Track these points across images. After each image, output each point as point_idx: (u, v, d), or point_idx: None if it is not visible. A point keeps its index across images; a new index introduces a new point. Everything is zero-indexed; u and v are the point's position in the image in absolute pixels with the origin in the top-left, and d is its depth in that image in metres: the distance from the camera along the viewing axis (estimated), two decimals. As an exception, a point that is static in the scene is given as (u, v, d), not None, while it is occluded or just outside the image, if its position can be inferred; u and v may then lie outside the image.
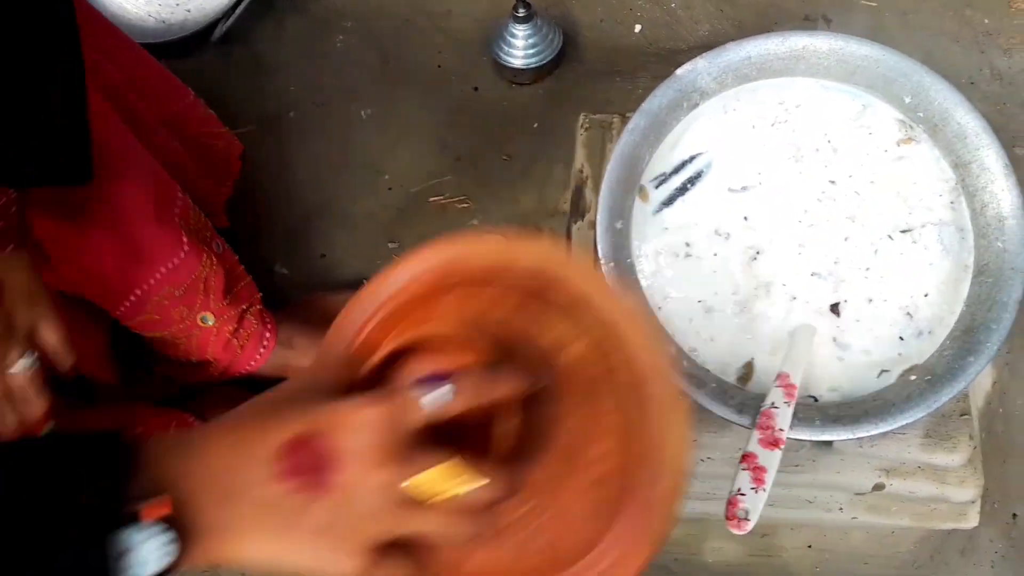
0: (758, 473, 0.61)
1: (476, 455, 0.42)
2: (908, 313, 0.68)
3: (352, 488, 0.39)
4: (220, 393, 0.87)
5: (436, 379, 0.41)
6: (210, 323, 0.80)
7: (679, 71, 0.71)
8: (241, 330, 0.83)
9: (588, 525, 0.46)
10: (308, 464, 0.39)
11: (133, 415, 0.75)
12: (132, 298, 0.73)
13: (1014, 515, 0.90)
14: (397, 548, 0.41)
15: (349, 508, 0.39)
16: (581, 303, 0.49)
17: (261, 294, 0.86)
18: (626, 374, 0.47)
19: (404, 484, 0.39)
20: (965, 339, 0.65)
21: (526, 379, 0.44)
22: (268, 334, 0.85)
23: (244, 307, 0.83)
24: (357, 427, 0.39)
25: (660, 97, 0.71)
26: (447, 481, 0.40)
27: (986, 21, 1.08)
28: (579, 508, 0.46)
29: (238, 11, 1.03)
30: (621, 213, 0.70)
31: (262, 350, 0.85)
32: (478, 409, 0.42)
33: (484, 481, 0.41)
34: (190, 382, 0.87)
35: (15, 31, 0.51)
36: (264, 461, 0.39)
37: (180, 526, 0.37)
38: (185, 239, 0.74)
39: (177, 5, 1.08)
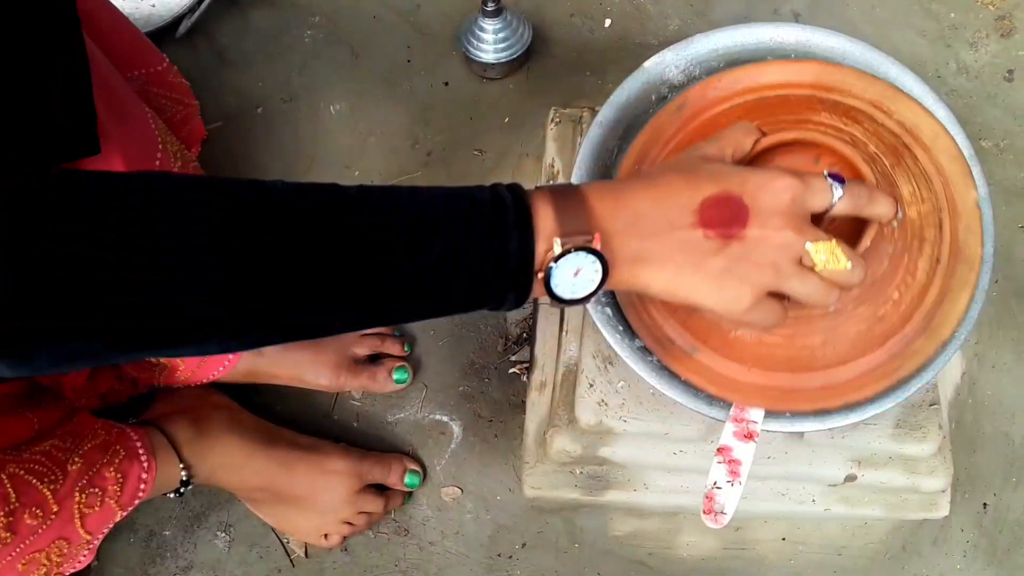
0: (733, 466, 0.61)
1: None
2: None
3: (760, 241, 0.48)
4: (171, 401, 0.84)
5: (834, 178, 0.50)
6: None
7: (647, 63, 0.71)
8: None
9: (848, 345, 0.59)
10: (726, 216, 0.47)
11: (76, 421, 0.73)
12: None
13: (985, 504, 0.91)
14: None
15: (754, 256, 0.48)
16: (931, 175, 0.60)
17: None
18: (947, 248, 0.60)
19: (806, 246, 0.49)
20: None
21: (898, 209, 0.54)
22: None
23: None
24: (775, 191, 0.48)
25: (628, 89, 0.70)
26: (834, 255, 0.49)
27: (952, 15, 1.09)
28: (851, 330, 0.59)
29: (203, 6, 1.02)
30: (590, 206, 0.70)
31: (228, 358, 0.84)
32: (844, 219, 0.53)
33: (860, 266, 0.51)
34: (156, 385, 0.85)
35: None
36: (687, 209, 0.47)
37: (608, 255, 0.47)
38: None
39: (141, 0, 1.06)
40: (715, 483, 0.60)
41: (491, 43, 0.99)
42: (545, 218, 0.46)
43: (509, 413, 0.93)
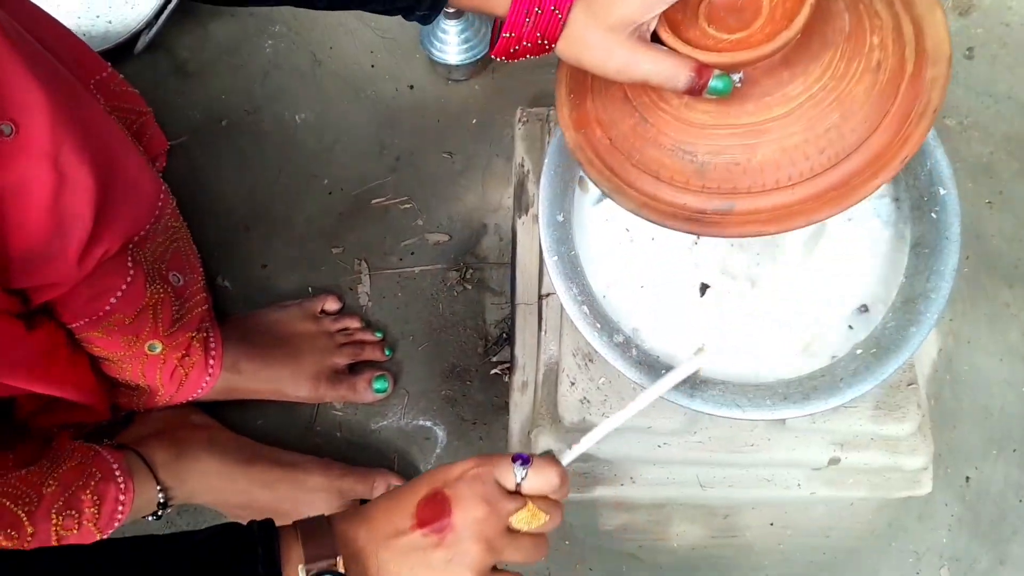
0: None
1: (770, 32, 0.51)
2: (852, 288, 0.69)
3: (466, 524, 0.53)
4: (147, 423, 0.83)
5: (521, 460, 0.57)
6: (157, 351, 0.78)
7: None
8: (187, 358, 0.81)
9: (868, 107, 0.54)
10: (435, 512, 0.53)
11: (52, 445, 0.72)
12: (83, 321, 0.70)
13: (967, 478, 0.92)
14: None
15: (466, 540, 0.53)
16: None
17: (208, 322, 0.83)
18: None
19: (509, 519, 0.55)
20: (906, 310, 0.66)
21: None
22: (212, 362, 0.83)
23: (192, 334, 0.80)
24: (469, 480, 0.55)
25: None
26: (532, 515, 0.56)
27: None
28: (860, 90, 0.54)
29: (160, 20, 1.00)
30: (562, 206, 0.70)
31: (207, 379, 0.83)
32: None
33: (557, 511, 0.58)
34: (137, 410, 0.84)
35: None
36: (407, 513, 0.54)
37: (356, 570, 0.52)
38: (131, 267, 0.71)
39: (97, 17, 1.05)
40: None
41: (454, 44, 0.99)
42: (291, 549, 0.51)
43: (492, 415, 0.92)
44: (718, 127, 0.55)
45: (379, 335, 0.93)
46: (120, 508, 0.71)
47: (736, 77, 0.53)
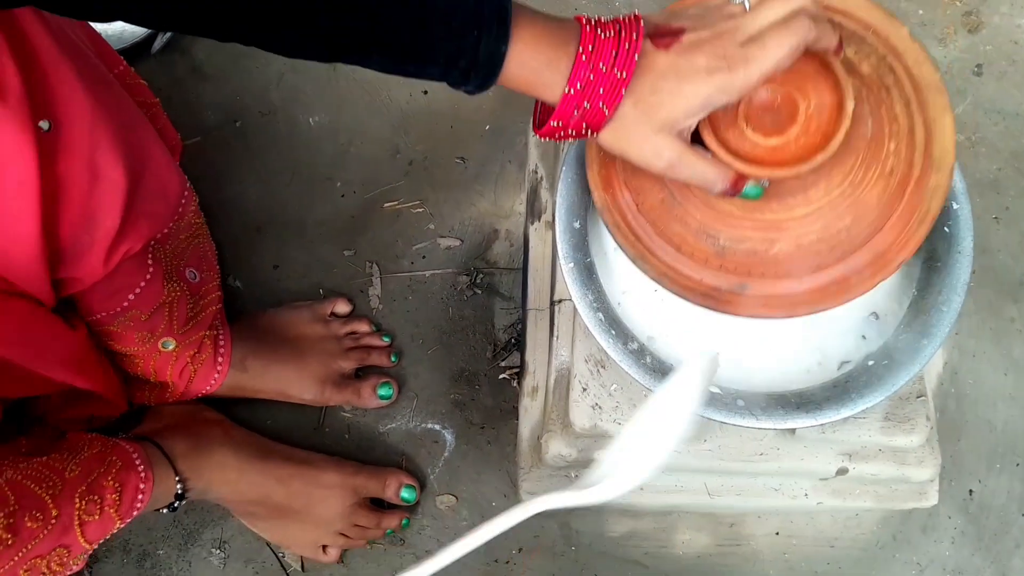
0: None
1: (804, 144, 0.54)
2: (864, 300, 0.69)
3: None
4: (162, 417, 0.84)
5: None
6: (171, 348, 0.78)
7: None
8: (198, 355, 0.81)
9: (877, 211, 0.58)
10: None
11: (68, 438, 0.72)
12: (100, 315, 0.71)
13: (970, 491, 0.93)
14: None
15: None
16: (865, 29, 0.62)
17: (219, 320, 0.84)
18: (908, 84, 0.60)
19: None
20: (918, 323, 0.66)
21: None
22: (221, 359, 0.83)
23: (204, 332, 0.81)
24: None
25: (612, 95, 0.71)
26: None
27: (921, 12, 1.11)
28: (874, 195, 0.58)
29: (178, 21, 1.01)
30: (578, 212, 0.70)
31: (216, 376, 0.83)
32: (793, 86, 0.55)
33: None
34: (147, 404, 0.84)
35: None
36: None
37: None
38: (150, 264, 0.71)
39: (113, 16, 1.05)
40: None
41: (469, 51, 1.00)
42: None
43: (501, 419, 0.93)
44: (743, 219, 0.59)
45: (387, 339, 0.94)
46: (140, 496, 0.71)
47: (765, 182, 0.56)
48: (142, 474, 0.72)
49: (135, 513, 0.71)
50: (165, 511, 0.77)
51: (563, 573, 0.89)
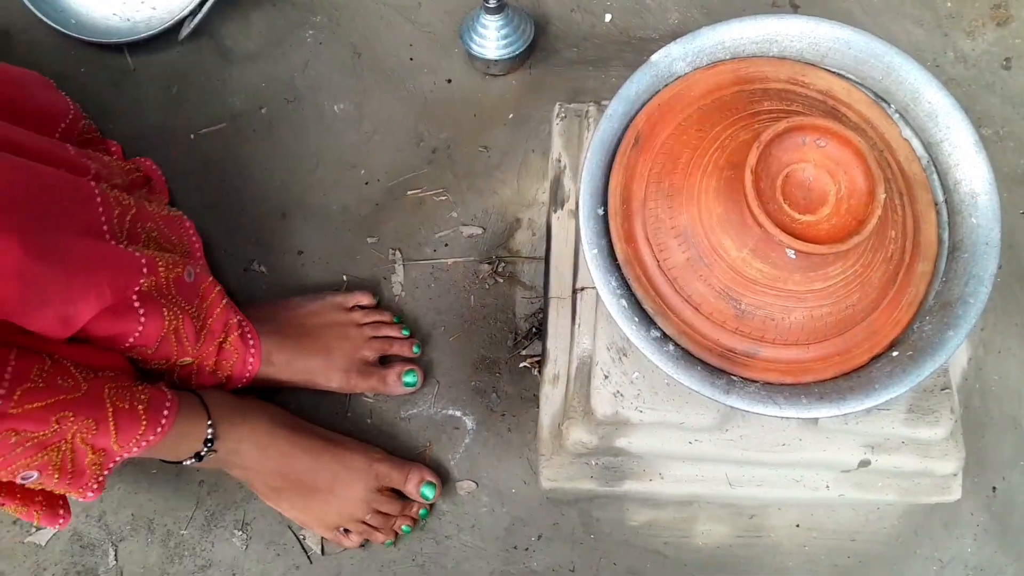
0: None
1: (836, 224, 0.59)
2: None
3: None
4: None
5: None
6: (189, 362, 0.80)
7: (654, 57, 0.72)
8: (222, 362, 0.83)
9: (877, 291, 0.64)
10: None
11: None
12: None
13: (994, 488, 0.92)
14: None
15: None
16: (865, 123, 0.69)
17: (238, 318, 0.84)
18: (900, 178, 0.67)
19: None
20: (944, 314, 0.66)
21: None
22: (252, 360, 0.85)
23: (220, 339, 0.82)
24: None
25: (636, 83, 0.71)
26: None
27: (949, 4, 1.10)
28: (877, 276, 0.64)
29: (205, 8, 1.02)
30: (602, 199, 0.70)
31: (247, 374, 0.85)
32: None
33: None
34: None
35: None
36: None
37: None
38: (141, 309, 0.73)
39: (142, 3, 1.06)
40: None
41: (494, 40, 1.00)
42: None
43: (521, 407, 0.93)
44: (766, 287, 0.63)
45: (406, 333, 0.94)
46: (166, 409, 0.73)
47: (791, 253, 0.60)
48: (169, 398, 0.75)
49: (160, 430, 0.72)
50: (191, 461, 0.78)
51: (582, 561, 0.89)
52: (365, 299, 0.95)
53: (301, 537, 0.90)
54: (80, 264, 0.68)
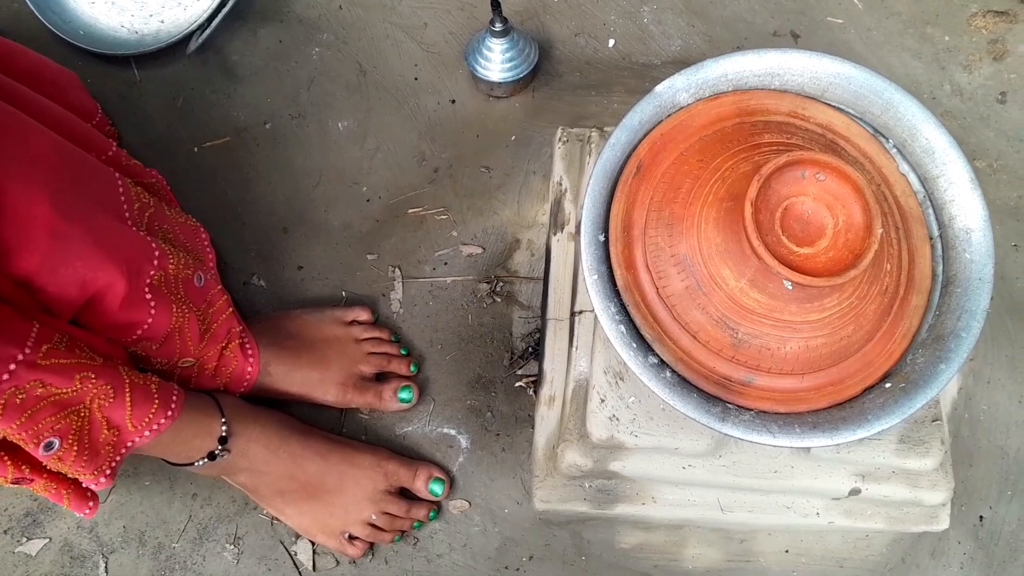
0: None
1: (833, 257, 0.59)
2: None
3: None
4: None
5: None
6: (191, 363, 0.81)
7: (658, 88, 0.73)
8: (221, 367, 0.83)
9: (871, 324, 0.65)
10: None
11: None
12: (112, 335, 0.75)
13: (981, 517, 0.93)
14: None
15: None
16: (864, 157, 0.70)
17: (241, 327, 0.85)
18: (896, 213, 0.68)
19: None
20: (936, 347, 0.67)
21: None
22: (250, 369, 0.85)
23: (222, 344, 0.83)
24: None
25: (639, 112, 0.72)
26: None
27: (946, 38, 1.12)
28: (872, 309, 0.65)
29: (214, 23, 1.03)
30: (603, 226, 0.71)
31: (246, 382, 0.86)
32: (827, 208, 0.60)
33: None
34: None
35: None
36: None
37: None
38: (152, 301, 0.74)
39: (151, 16, 1.07)
40: None
41: (498, 62, 1.01)
42: None
43: (516, 427, 0.94)
44: (764, 317, 0.64)
45: (404, 352, 0.95)
46: (174, 398, 0.74)
47: (788, 284, 0.61)
48: (176, 388, 0.76)
49: (170, 413, 0.73)
50: (204, 461, 0.78)
51: (572, 582, 0.90)
52: (364, 315, 0.95)
53: (293, 553, 0.90)
54: (102, 233, 0.69)
